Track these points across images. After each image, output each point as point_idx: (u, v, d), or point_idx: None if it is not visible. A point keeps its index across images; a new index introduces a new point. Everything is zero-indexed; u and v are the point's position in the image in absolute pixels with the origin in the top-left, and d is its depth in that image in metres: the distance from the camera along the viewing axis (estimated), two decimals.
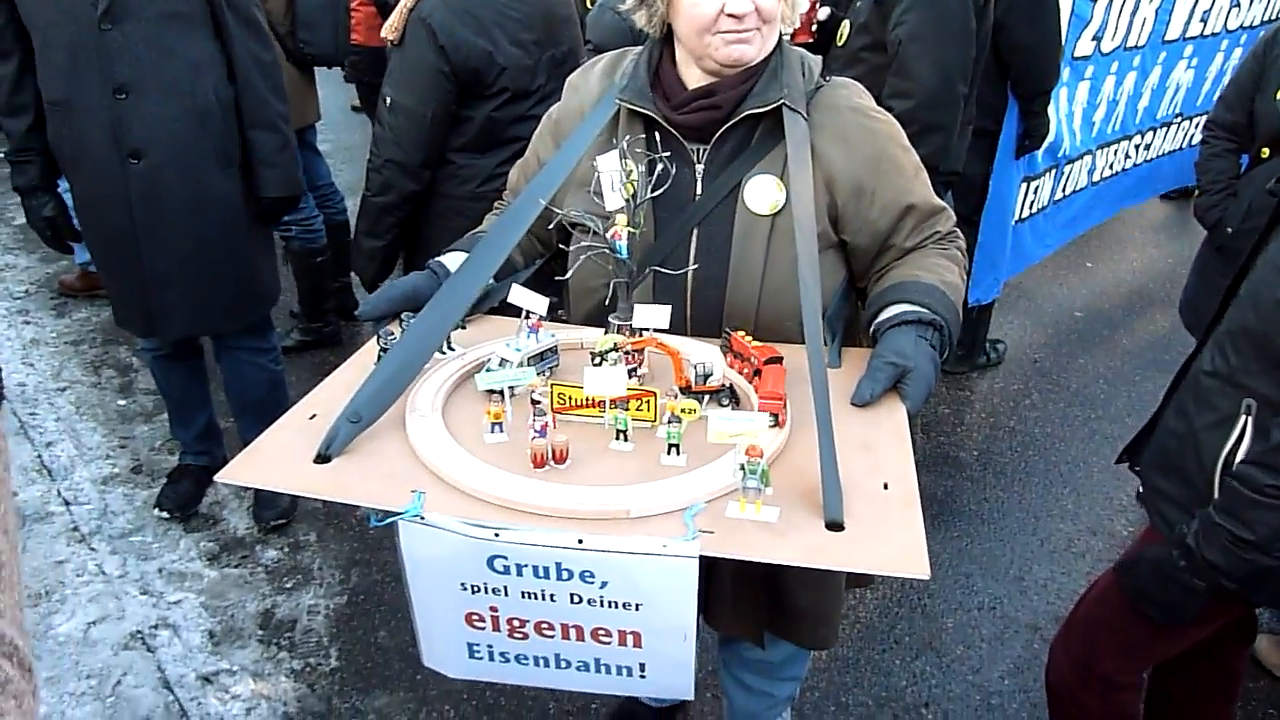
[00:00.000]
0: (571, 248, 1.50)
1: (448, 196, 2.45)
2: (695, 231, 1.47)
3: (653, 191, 1.31)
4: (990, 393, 3.94)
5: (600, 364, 1.29)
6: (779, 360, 1.34)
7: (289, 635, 2.62)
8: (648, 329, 1.37)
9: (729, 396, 1.34)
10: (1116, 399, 3.94)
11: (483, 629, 1.10)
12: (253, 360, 2.66)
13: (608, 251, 1.35)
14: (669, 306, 1.37)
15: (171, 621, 2.63)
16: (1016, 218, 3.75)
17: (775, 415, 1.26)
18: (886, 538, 1.03)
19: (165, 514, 2.83)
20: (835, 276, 1.54)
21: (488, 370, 1.36)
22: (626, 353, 1.33)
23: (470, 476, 1.10)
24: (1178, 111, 4.57)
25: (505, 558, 1.03)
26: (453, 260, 1.58)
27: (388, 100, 2.30)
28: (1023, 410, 3.82)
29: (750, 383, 1.34)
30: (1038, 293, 4.87)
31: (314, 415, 1.24)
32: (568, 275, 1.39)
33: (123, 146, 2.18)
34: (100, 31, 2.08)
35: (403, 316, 1.43)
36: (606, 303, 1.54)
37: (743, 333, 1.39)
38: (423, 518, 1.03)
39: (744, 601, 1.65)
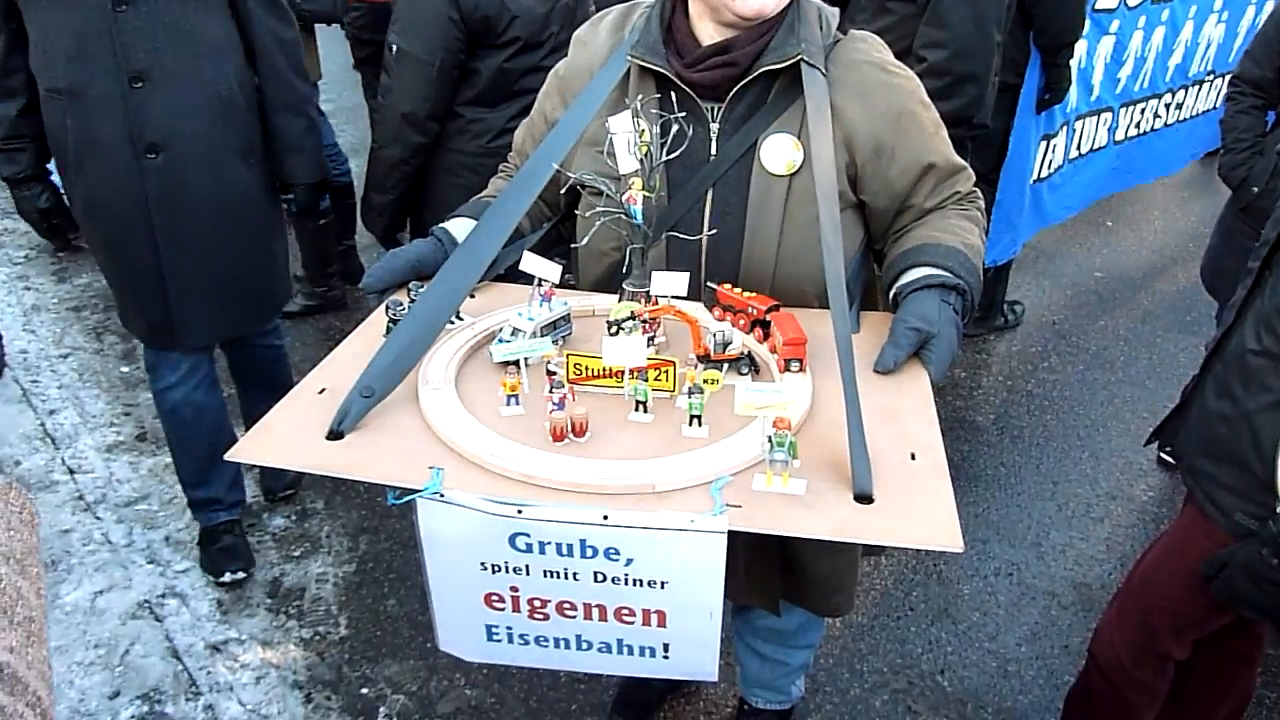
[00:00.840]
0: (584, 213, 1.47)
1: (457, 152, 2.42)
2: (710, 193, 1.45)
3: (668, 154, 1.30)
4: (1008, 355, 3.90)
5: (617, 333, 1.28)
6: (778, 307, 1.34)
7: (298, 604, 2.63)
8: (665, 296, 1.35)
9: (748, 364, 1.33)
10: (1137, 361, 3.91)
11: (502, 610, 1.09)
12: (260, 344, 2.59)
13: (621, 216, 1.33)
14: (687, 274, 1.35)
15: (179, 590, 2.64)
16: (1035, 176, 3.69)
17: (799, 360, 1.27)
18: (917, 510, 1.03)
19: (232, 576, 2.60)
20: (853, 238, 1.52)
21: (500, 341, 1.35)
22: (643, 321, 1.31)
23: (489, 451, 1.09)
24: (1209, 69, 4.45)
25: (528, 535, 1.02)
26: (458, 227, 1.57)
27: (394, 49, 2.25)
28: (1041, 373, 3.79)
29: (750, 334, 1.33)
30: (1056, 252, 4.80)
31: (323, 390, 1.23)
32: (583, 241, 1.37)
33: (139, 140, 2.03)
34: (114, 13, 1.92)
35: (411, 286, 1.41)
36: (622, 268, 1.51)
37: (728, 285, 1.38)
38: (442, 495, 1.02)
39: (759, 569, 1.66)
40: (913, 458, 1.12)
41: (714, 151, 1.45)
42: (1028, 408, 3.58)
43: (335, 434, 1.13)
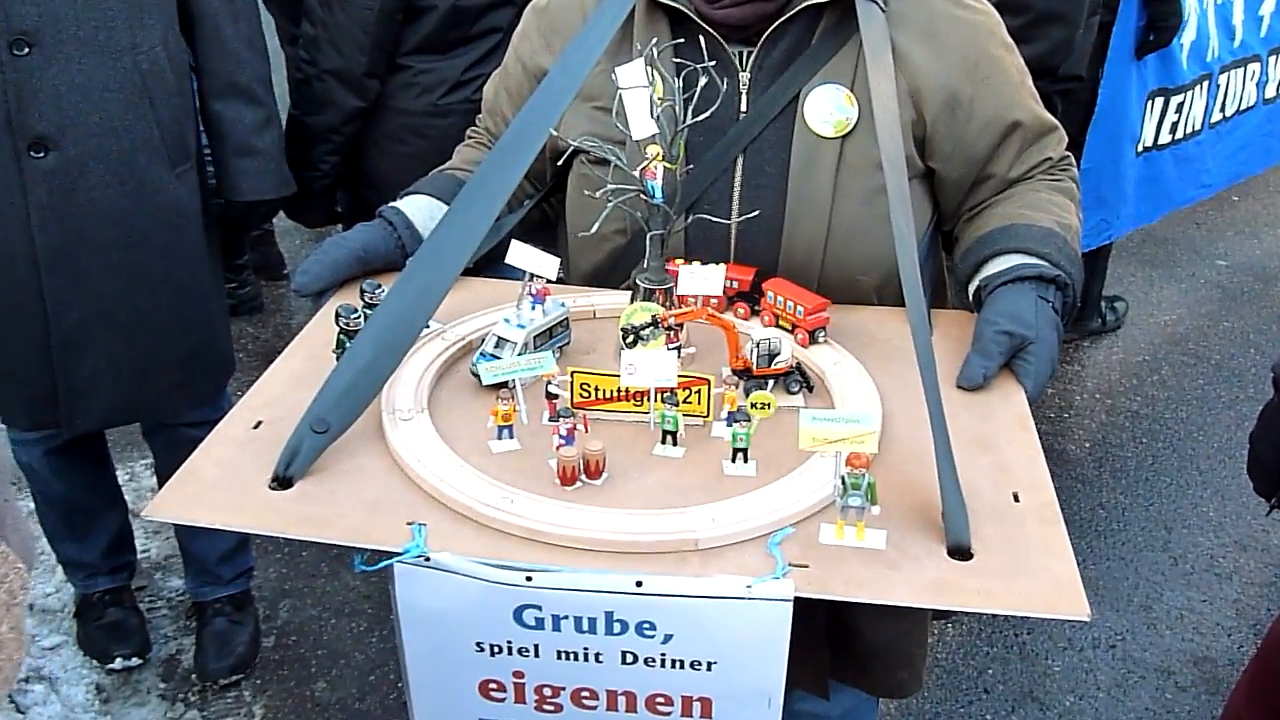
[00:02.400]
0: (582, 189, 1.46)
1: (401, 112, 2.41)
2: (740, 162, 1.44)
3: (694, 115, 1.29)
4: (1107, 366, 3.85)
5: (634, 343, 1.28)
6: (764, 278, 1.41)
7: (199, 690, 2.58)
8: (696, 296, 1.34)
9: (798, 381, 1.33)
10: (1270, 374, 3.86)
11: (502, 700, 1.08)
12: (193, 430, 2.19)
13: (636, 194, 1.32)
14: (722, 267, 1.36)
15: (47, 673, 2.58)
16: (1149, 143, 3.45)
17: (824, 329, 1.36)
18: (1027, 567, 1.03)
19: (123, 662, 2.52)
20: (921, 216, 1.51)
21: (483, 356, 1.34)
22: (668, 328, 1.30)
23: (483, 500, 1.09)
24: None
25: (539, 608, 1.02)
26: (414, 208, 1.56)
27: None
28: (1149, 389, 3.74)
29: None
30: (1168, 236, 4.67)
31: (259, 423, 1.23)
32: (593, 228, 1.36)
33: (19, 130, 1.77)
34: None
35: (364, 287, 1.40)
36: (623, 257, 1.51)
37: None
38: (427, 558, 1.02)
39: (803, 639, 1.64)
40: (1015, 499, 1.13)
41: (744, 108, 1.44)
42: (1132, 433, 3.51)
43: (282, 481, 1.12)
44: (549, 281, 1.40)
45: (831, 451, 1.10)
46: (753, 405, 1.22)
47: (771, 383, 1.32)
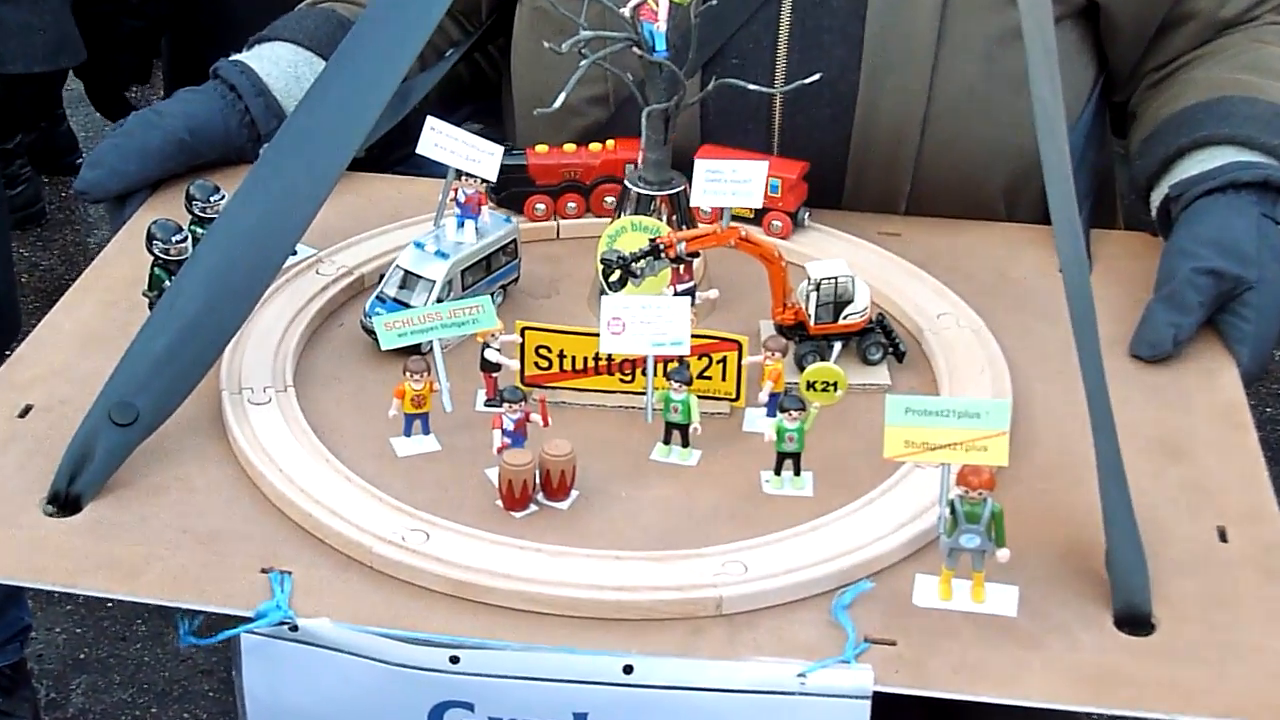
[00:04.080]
0: (547, 42, 1.43)
1: None
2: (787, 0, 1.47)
3: None
4: None
5: (623, 282, 1.28)
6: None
7: None
8: (721, 210, 1.37)
9: (881, 343, 1.34)
10: None
11: None
12: None
13: (623, 43, 1.32)
14: (764, 164, 1.36)
15: None
16: None
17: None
18: (1243, 649, 1.04)
19: None
20: (1078, 79, 1.53)
21: (380, 304, 1.34)
22: (677, 260, 1.30)
23: (381, 533, 1.11)
24: None
25: (468, 708, 1.04)
26: (270, 62, 1.58)
27: None
28: None
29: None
30: None
31: (27, 408, 1.25)
32: (557, 101, 1.33)
33: None
34: None
35: (193, 192, 1.40)
36: (601, 138, 1.53)
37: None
38: (293, 626, 1.03)
39: None
40: (1223, 537, 1.14)
41: None
42: None
43: (65, 501, 1.15)
44: (486, 184, 1.40)
45: (934, 463, 1.10)
46: (809, 385, 1.21)
47: (839, 346, 1.32)
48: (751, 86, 1.39)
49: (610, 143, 1.53)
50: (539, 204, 1.54)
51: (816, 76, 1.39)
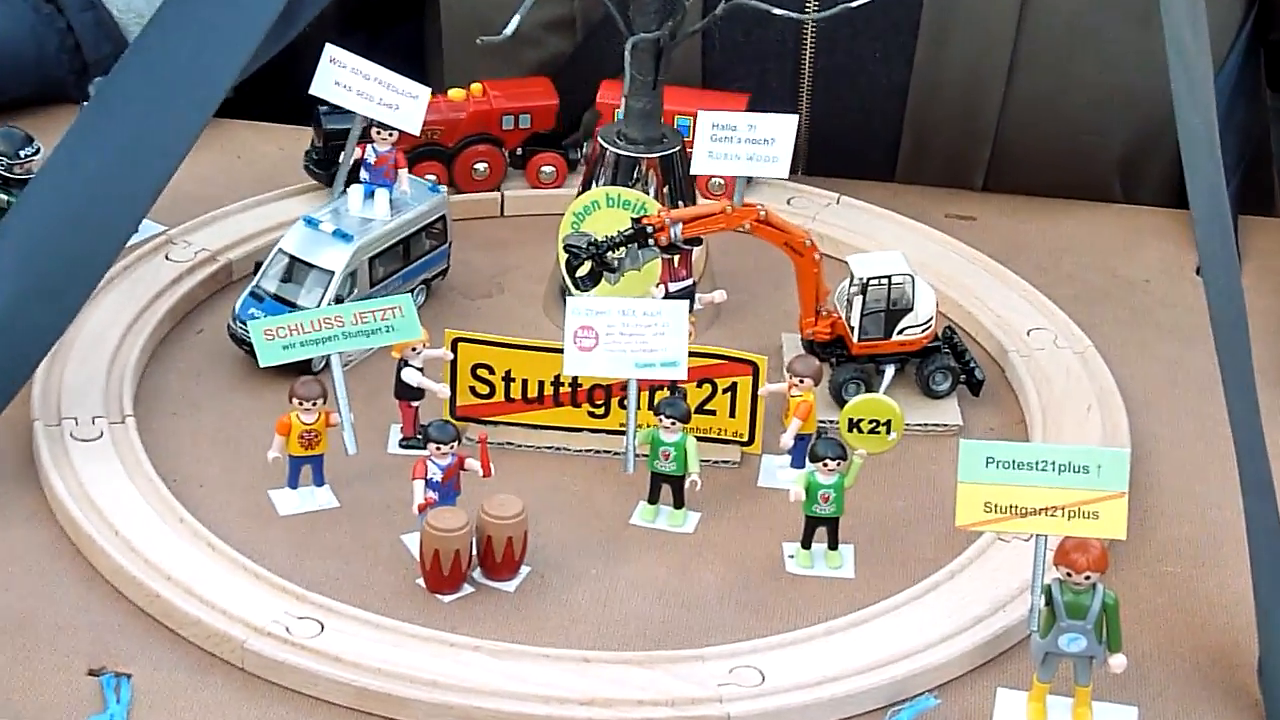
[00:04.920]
0: None
1: None
2: None
3: None
4: None
5: (594, 277, 1.26)
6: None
7: None
8: (731, 179, 1.33)
9: (948, 369, 1.30)
10: None
11: None
12: None
13: None
14: (794, 117, 1.33)
15: None
16: None
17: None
18: None
19: None
20: (1226, 11, 1.53)
21: (255, 303, 1.32)
22: (670, 247, 1.27)
23: (257, 623, 1.06)
24: None
25: None
26: None
27: None
28: None
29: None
30: None
31: None
32: (508, 28, 1.30)
33: None
34: None
35: None
36: (563, 78, 1.51)
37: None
38: None
39: None
40: None
41: None
42: None
43: None
44: (395, 136, 1.37)
45: (1025, 534, 1.06)
46: (852, 425, 1.16)
47: (891, 371, 1.29)
48: (776, 10, 1.38)
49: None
50: None
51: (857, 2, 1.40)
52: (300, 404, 1.18)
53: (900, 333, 1.28)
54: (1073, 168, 1.48)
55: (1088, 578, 1.00)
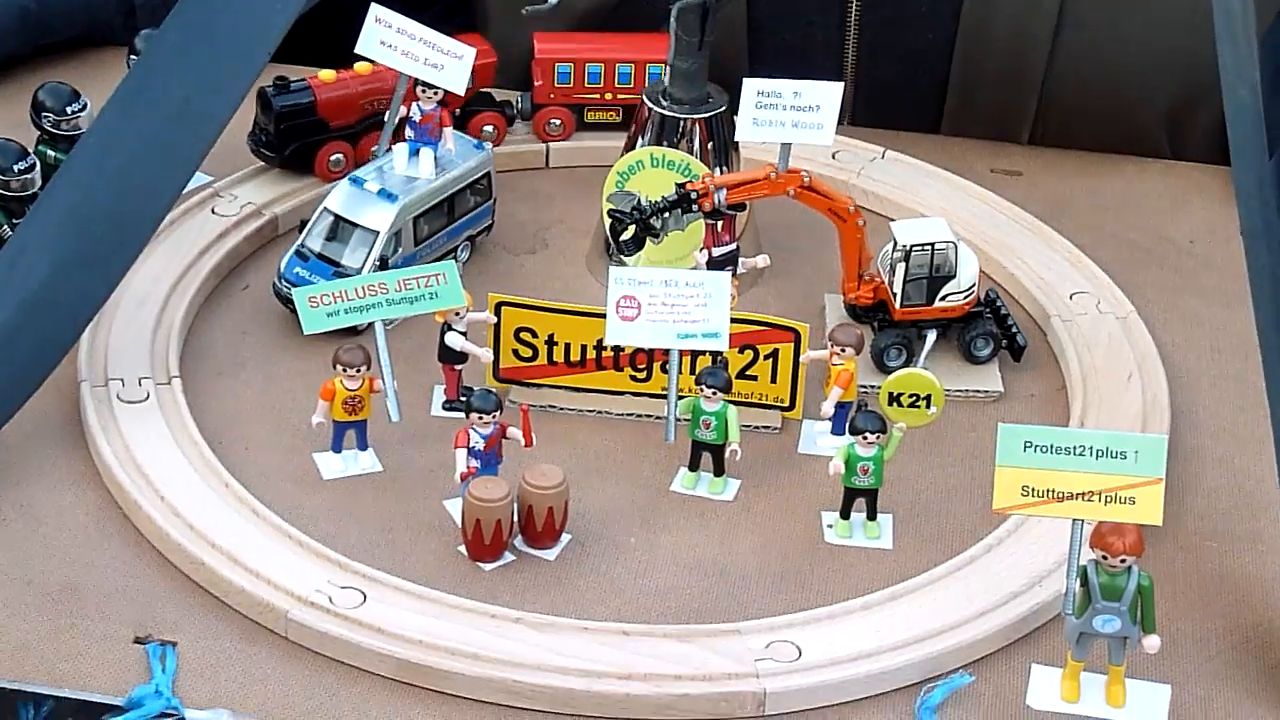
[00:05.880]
0: None
1: None
2: None
3: None
4: None
5: (639, 241, 1.27)
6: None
7: None
8: (776, 145, 1.31)
9: (990, 335, 1.30)
10: None
11: None
12: None
13: None
14: (839, 85, 1.32)
15: None
16: None
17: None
18: None
19: None
20: None
21: (301, 263, 1.32)
22: (714, 213, 1.28)
23: (300, 591, 1.07)
24: None
25: None
26: None
27: None
28: None
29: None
30: None
31: None
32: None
33: None
34: None
35: (43, 99, 1.37)
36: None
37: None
38: (182, 719, 1.00)
39: None
40: None
41: None
42: None
43: None
44: (441, 100, 1.37)
45: (1061, 517, 1.06)
46: (893, 399, 1.16)
47: (933, 336, 1.29)
48: None
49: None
50: (335, 154, 1.49)
51: None
52: (344, 370, 1.19)
53: (942, 299, 1.28)
54: (1119, 122, 1.48)
55: (1123, 561, 1.01)
